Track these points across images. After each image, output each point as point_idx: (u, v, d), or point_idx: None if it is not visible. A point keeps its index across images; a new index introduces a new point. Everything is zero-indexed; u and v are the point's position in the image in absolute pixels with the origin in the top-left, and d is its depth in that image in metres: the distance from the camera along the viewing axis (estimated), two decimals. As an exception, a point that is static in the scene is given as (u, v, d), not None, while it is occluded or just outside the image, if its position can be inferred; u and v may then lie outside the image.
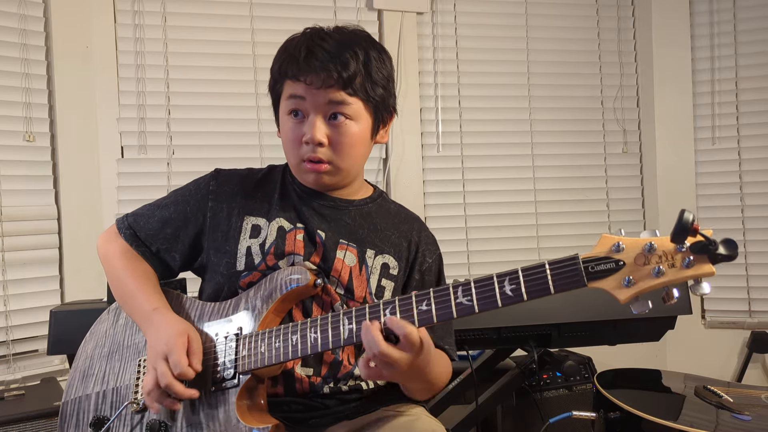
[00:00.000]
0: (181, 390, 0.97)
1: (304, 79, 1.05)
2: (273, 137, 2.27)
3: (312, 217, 1.13)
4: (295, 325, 0.99)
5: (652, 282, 0.77)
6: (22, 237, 2.02)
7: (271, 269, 1.09)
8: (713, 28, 2.60)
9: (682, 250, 0.77)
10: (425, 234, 1.21)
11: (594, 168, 2.64)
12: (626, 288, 0.78)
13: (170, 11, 2.23)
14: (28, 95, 2.04)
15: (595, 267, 0.80)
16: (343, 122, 1.07)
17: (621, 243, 0.80)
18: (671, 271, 0.77)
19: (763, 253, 2.53)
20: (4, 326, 1.97)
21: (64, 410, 1.14)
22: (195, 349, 1.01)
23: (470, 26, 2.52)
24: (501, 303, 0.85)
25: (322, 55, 1.05)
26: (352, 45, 1.07)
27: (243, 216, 1.14)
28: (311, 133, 1.06)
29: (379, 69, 1.10)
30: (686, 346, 2.56)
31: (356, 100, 1.07)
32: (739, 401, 1.45)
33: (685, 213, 0.75)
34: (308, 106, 1.07)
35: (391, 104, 1.16)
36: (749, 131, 2.56)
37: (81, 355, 1.19)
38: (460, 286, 0.89)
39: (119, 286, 1.16)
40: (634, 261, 0.79)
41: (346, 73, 1.04)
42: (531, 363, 1.70)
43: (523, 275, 0.85)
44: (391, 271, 1.14)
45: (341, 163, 1.10)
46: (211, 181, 1.18)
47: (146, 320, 1.08)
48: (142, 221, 1.18)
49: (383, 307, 0.92)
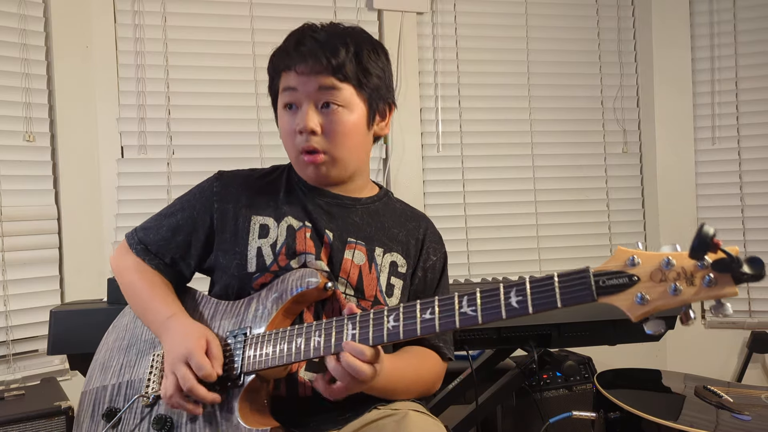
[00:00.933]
0: (204, 393, 0.96)
1: (295, 66, 1.07)
2: (273, 137, 2.29)
3: (320, 216, 1.13)
4: (301, 327, 0.99)
5: (668, 301, 0.72)
6: (22, 237, 2.02)
7: (284, 269, 1.09)
8: (713, 28, 2.60)
9: (702, 268, 0.71)
10: (431, 231, 1.21)
11: (594, 168, 2.64)
12: (639, 305, 0.73)
13: (170, 11, 2.23)
14: (28, 95, 2.04)
15: (607, 282, 0.75)
16: (336, 110, 1.07)
17: (636, 257, 0.74)
18: (689, 289, 0.71)
19: (763, 253, 2.50)
20: (4, 326, 1.97)
21: (82, 400, 1.15)
22: (215, 353, 1.00)
23: (470, 26, 2.52)
24: (506, 315, 0.82)
25: (311, 43, 1.07)
26: (343, 37, 1.09)
27: (250, 216, 1.13)
28: (304, 121, 1.07)
29: (371, 60, 1.10)
30: (686, 346, 2.56)
31: (347, 86, 1.07)
32: (739, 401, 1.45)
33: (705, 227, 0.68)
34: (300, 96, 1.08)
35: (389, 96, 1.16)
36: (749, 131, 2.56)
37: (102, 347, 1.20)
38: (465, 296, 0.86)
39: (135, 300, 1.16)
40: (649, 277, 0.74)
41: (335, 60, 1.05)
42: (531, 363, 1.70)
43: (530, 286, 0.81)
44: (399, 269, 1.14)
45: (336, 152, 1.09)
46: (215, 183, 1.18)
47: (163, 328, 1.08)
48: (152, 234, 1.18)
49: (387, 314, 0.91)
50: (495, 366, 1.79)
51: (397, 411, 1.11)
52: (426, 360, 1.13)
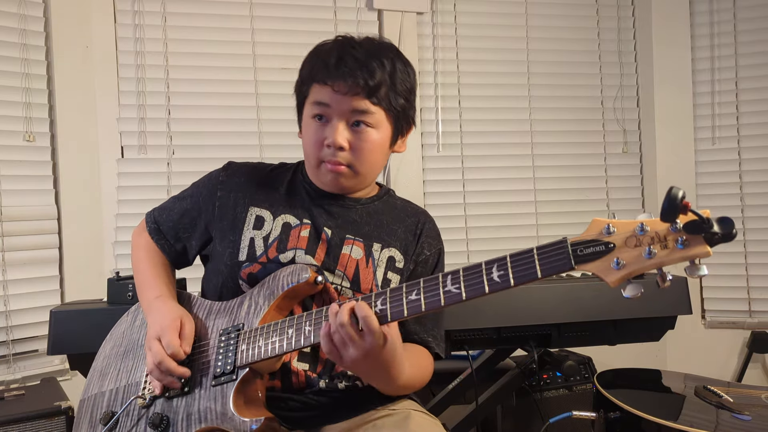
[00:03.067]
0: (174, 366, 1.03)
1: (332, 84, 1.08)
2: (273, 137, 2.29)
3: (320, 214, 1.16)
4: (292, 318, 1.01)
5: (643, 264, 0.74)
6: (22, 237, 2.02)
7: (272, 261, 1.12)
8: (713, 28, 2.60)
9: (675, 231, 0.73)
10: (429, 227, 1.24)
11: (594, 168, 2.64)
12: (616, 270, 0.75)
13: (170, 11, 2.23)
14: (28, 95, 2.04)
15: (584, 250, 0.78)
16: (365, 129, 1.11)
17: (611, 226, 0.78)
18: (664, 252, 0.73)
19: (763, 253, 2.53)
20: (4, 326, 1.97)
21: (80, 408, 1.18)
22: (187, 333, 1.07)
23: (470, 26, 2.52)
24: (488, 289, 0.84)
25: (351, 62, 1.08)
26: (380, 55, 1.11)
27: (248, 206, 1.17)
28: (333, 137, 1.09)
29: (403, 81, 1.13)
30: (686, 346, 2.56)
31: (379, 109, 1.11)
32: (739, 401, 1.45)
33: (673, 189, 0.70)
34: (332, 112, 1.10)
35: (411, 116, 1.20)
36: (749, 131, 2.56)
37: (100, 356, 1.23)
38: (449, 275, 0.89)
39: (137, 275, 1.25)
40: (624, 243, 0.76)
41: (372, 82, 1.08)
42: (531, 363, 1.70)
43: (511, 260, 0.83)
44: (396, 264, 1.16)
45: (360, 167, 1.13)
46: (222, 173, 1.23)
47: (149, 307, 1.15)
48: (165, 214, 1.26)
49: (375, 298, 0.93)
50: (495, 366, 1.79)
51: (397, 411, 1.11)
52: (418, 353, 1.14)
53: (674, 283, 1.80)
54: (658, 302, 1.60)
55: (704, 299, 2.62)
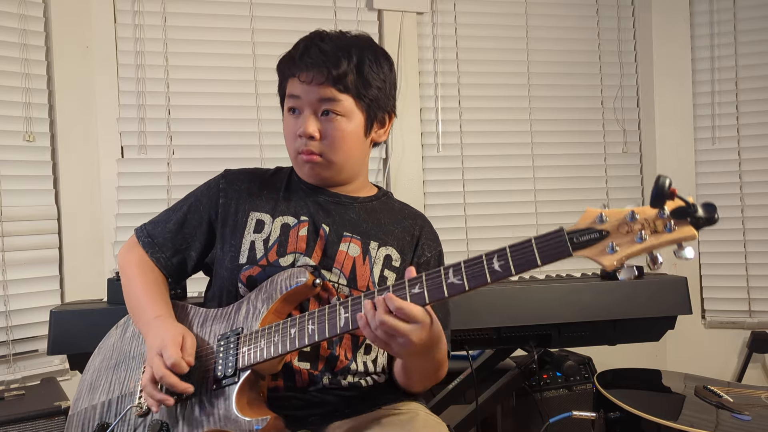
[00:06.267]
0: (176, 381, 1.00)
1: (299, 75, 1.13)
2: (273, 137, 2.29)
3: (317, 211, 1.18)
4: (294, 318, 1.01)
5: (635, 247, 0.78)
6: (22, 237, 2.02)
7: (272, 265, 1.12)
8: (713, 27, 2.60)
9: (663, 216, 0.78)
10: (427, 229, 1.25)
11: (594, 168, 2.64)
12: (610, 255, 0.79)
13: (170, 11, 2.23)
14: (28, 95, 2.04)
15: (580, 238, 0.82)
16: (334, 118, 1.13)
17: (604, 214, 0.82)
18: (653, 236, 0.78)
19: (763, 253, 2.53)
20: (4, 326, 1.97)
21: (70, 422, 1.16)
22: (188, 347, 1.04)
23: (470, 26, 2.52)
24: (490, 279, 0.87)
25: (316, 54, 1.12)
26: (347, 47, 1.13)
27: (249, 211, 1.18)
28: (303, 127, 1.13)
29: (372, 70, 1.15)
30: (686, 346, 2.56)
31: (347, 97, 1.13)
32: (739, 401, 1.45)
33: (661, 177, 0.77)
34: (303, 103, 1.14)
35: (388, 106, 1.20)
36: (749, 131, 2.56)
37: (89, 369, 1.21)
38: (451, 267, 0.91)
39: (130, 294, 1.20)
40: (617, 229, 0.81)
41: (336, 71, 1.10)
42: (531, 363, 1.70)
43: (510, 251, 0.87)
44: (393, 263, 1.17)
45: (333, 156, 1.15)
46: (221, 180, 1.24)
47: (148, 327, 1.11)
48: (159, 227, 1.23)
49: (378, 294, 0.93)
50: (495, 366, 1.79)
51: (404, 411, 1.11)
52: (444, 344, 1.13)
53: (674, 283, 1.80)
54: (658, 302, 1.60)
55: (704, 299, 2.62)
